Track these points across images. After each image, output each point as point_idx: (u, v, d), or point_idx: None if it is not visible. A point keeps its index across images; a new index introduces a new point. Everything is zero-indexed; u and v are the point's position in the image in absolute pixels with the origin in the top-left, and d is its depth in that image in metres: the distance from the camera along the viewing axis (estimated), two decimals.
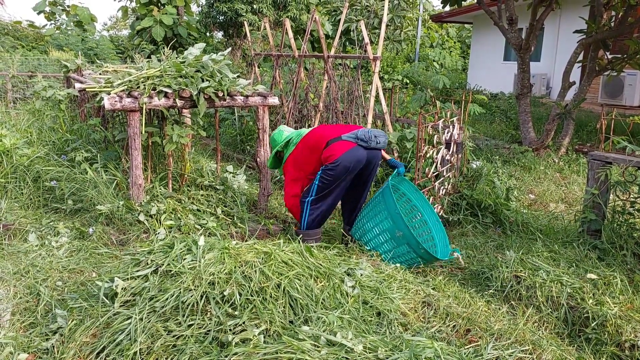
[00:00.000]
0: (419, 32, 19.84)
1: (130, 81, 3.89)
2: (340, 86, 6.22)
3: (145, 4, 17.16)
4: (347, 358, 2.13)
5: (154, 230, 3.81)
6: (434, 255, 3.54)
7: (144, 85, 3.86)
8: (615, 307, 2.85)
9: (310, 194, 3.75)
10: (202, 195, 4.40)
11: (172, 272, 2.61)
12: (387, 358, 2.14)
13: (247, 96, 4.31)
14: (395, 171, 3.92)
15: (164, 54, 4.46)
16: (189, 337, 2.30)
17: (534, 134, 7.97)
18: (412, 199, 4.05)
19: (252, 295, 2.48)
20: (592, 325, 2.77)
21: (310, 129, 4.05)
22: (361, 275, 2.95)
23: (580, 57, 7.63)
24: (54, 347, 2.41)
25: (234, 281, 2.51)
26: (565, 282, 3.09)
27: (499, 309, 3.02)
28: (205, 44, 4.65)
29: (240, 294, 2.47)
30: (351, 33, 16.66)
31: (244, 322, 2.35)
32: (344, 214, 4.13)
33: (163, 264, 2.66)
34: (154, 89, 3.87)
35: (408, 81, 15.59)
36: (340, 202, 4.09)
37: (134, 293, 2.56)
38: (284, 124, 5.68)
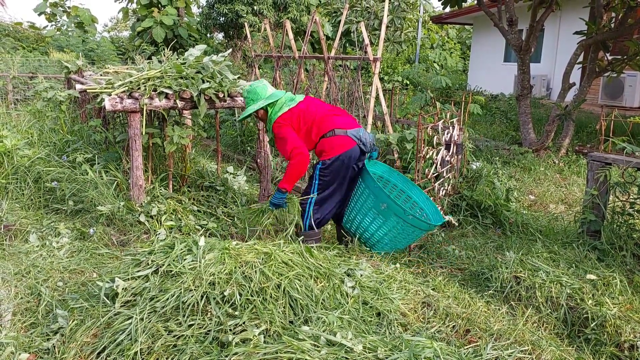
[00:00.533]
0: (419, 34, 19.86)
1: (131, 82, 3.90)
2: (341, 87, 6.23)
3: (145, 6, 17.20)
4: (346, 358, 2.14)
5: (155, 230, 3.82)
6: (424, 221, 3.55)
7: (145, 86, 3.87)
8: (614, 307, 2.86)
9: (312, 194, 3.71)
10: (202, 196, 4.41)
11: (172, 273, 2.62)
12: (386, 358, 2.15)
13: None
14: (368, 155, 3.83)
15: (164, 55, 4.48)
16: (189, 337, 2.31)
17: (534, 135, 7.97)
18: (398, 183, 4.04)
19: (252, 296, 2.48)
20: (592, 325, 2.78)
21: (302, 97, 3.79)
22: (361, 275, 2.96)
23: (581, 59, 7.65)
24: (54, 347, 2.42)
25: (234, 281, 2.52)
26: (564, 282, 3.09)
27: (499, 309, 3.03)
28: (205, 45, 4.66)
29: (240, 294, 2.47)
30: (351, 34, 16.67)
31: (244, 322, 2.35)
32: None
33: (163, 265, 2.67)
34: (155, 90, 3.89)
35: (408, 82, 15.61)
36: None
37: (134, 293, 2.57)
38: None
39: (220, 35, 20.60)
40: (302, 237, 3.54)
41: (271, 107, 3.72)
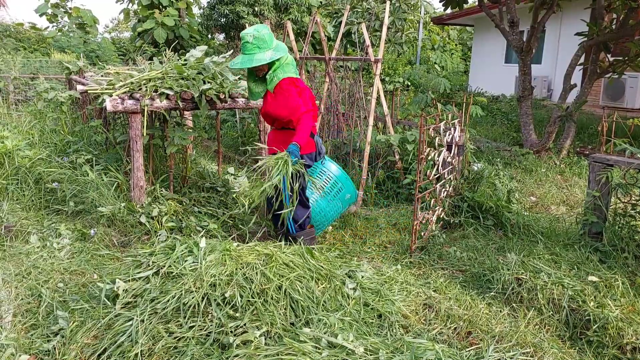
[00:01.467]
0: (420, 35, 19.86)
1: (132, 83, 3.90)
2: (342, 88, 6.23)
3: (147, 6, 17.21)
4: None
5: (155, 232, 3.82)
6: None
7: (146, 87, 3.87)
8: (616, 309, 2.85)
9: (287, 196, 3.60)
10: (203, 197, 4.40)
11: (173, 274, 2.62)
12: None
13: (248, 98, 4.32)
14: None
15: (165, 56, 4.48)
16: (190, 339, 2.31)
17: (535, 137, 7.96)
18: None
19: (253, 297, 2.48)
20: (594, 327, 2.77)
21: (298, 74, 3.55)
22: (362, 277, 2.95)
23: (582, 60, 7.63)
24: (55, 348, 2.41)
25: (235, 283, 2.52)
26: (566, 284, 3.08)
27: (500, 311, 3.02)
28: (206, 46, 4.66)
29: (241, 296, 2.47)
30: (352, 35, 16.68)
31: (245, 324, 2.35)
32: (274, 220, 3.82)
33: (164, 266, 2.66)
34: (156, 91, 3.88)
35: (409, 83, 15.61)
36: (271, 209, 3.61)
37: (135, 295, 2.56)
38: None
39: (221, 37, 20.61)
40: (297, 238, 3.50)
41: (277, 61, 3.41)
